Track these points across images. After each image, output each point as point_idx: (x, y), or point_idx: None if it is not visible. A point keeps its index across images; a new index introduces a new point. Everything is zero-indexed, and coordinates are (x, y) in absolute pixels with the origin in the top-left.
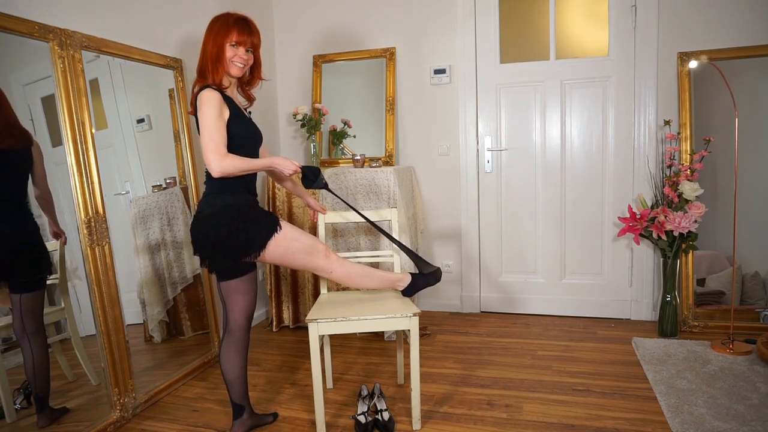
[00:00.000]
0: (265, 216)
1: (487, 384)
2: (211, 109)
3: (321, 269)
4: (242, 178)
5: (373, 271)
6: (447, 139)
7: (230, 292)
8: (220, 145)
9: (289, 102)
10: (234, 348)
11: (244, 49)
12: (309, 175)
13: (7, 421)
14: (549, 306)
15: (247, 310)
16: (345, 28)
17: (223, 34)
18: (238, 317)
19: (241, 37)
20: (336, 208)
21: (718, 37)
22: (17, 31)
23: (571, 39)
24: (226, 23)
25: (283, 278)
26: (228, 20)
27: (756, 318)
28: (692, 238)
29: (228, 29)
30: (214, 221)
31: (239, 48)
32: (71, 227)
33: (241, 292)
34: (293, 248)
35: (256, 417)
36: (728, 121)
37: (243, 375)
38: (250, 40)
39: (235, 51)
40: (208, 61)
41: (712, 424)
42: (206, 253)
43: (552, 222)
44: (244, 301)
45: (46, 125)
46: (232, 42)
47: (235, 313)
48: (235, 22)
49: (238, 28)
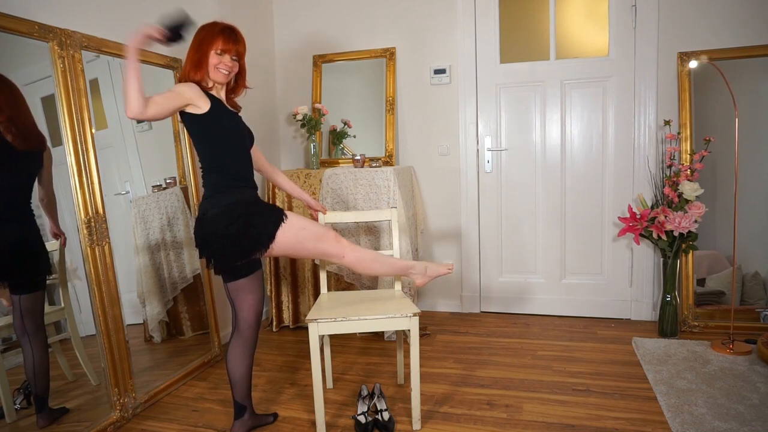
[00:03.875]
0: (270, 209)
1: (487, 384)
2: (173, 88)
3: (332, 255)
4: (240, 173)
5: (385, 258)
6: (447, 139)
7: (239, 292)
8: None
9: (289, 102)
10: (241, 347)
11: (229, 57)
12: (171, 35)
13: (7, 421)
14: (549, 306)
15: (256, 309)
16: (345, 28)
17: (208, 42)
18: (248, 316)
19: (226, 45)
20: (336, 208)
21: (718, 37)
22: (17, 31)
23: (571, 39)
24: (212, 32)
25: (283, 278)
26: (214, 29)
27: (756, 318)
28: (692, 238)
29: (213, 38)
30: (221, 221)
31: (224, 56)
32: (71, 227)
33: (249, 291)
34: (302, 236)
35: (256, 417)
36: (728, 121)
37: (248, 375)
38: (235, 49)
39: (221, 59)
40: (190, 67)
41: (712, 424)
42: (215, 252)
43: (552, 222)
44: (252, 300)
45: (46, 125)
46: (218, 50)
47: (245, 312)
48: (221, 31)
49: (224, 36)
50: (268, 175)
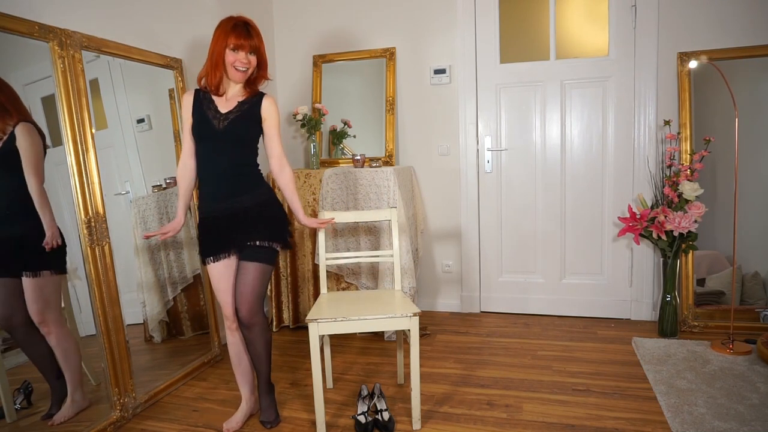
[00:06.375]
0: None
1: (487, 384)
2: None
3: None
4: (204, 171)
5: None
6: (447, 139)
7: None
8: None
9: (289, 102)
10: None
11: (245, 53)
12: None
13: (7, 421)
14: (549, 306)
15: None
16: (345, 28)
17: (223, 40)
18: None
19: (239, 41)
20: (336, 207)
21: (718, 37)
22: (17, 31)
23: (571, 39)
24: (225, 29)
25: (283, 278)
26: (227, 25)
27: (756, 318)
28: (692, 238)
29: (227, 34)
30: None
31: (239, 52)
32: (71, 227)
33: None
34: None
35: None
36: (728, 121)
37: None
38: (248, 44)
39: (236, 56)
40: (210, 67)
41: (712, 424)
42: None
43: (552, 222)
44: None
45: (46, 125)
46: (231, 47)
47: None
48: (233, 27)
49: (236, 32)
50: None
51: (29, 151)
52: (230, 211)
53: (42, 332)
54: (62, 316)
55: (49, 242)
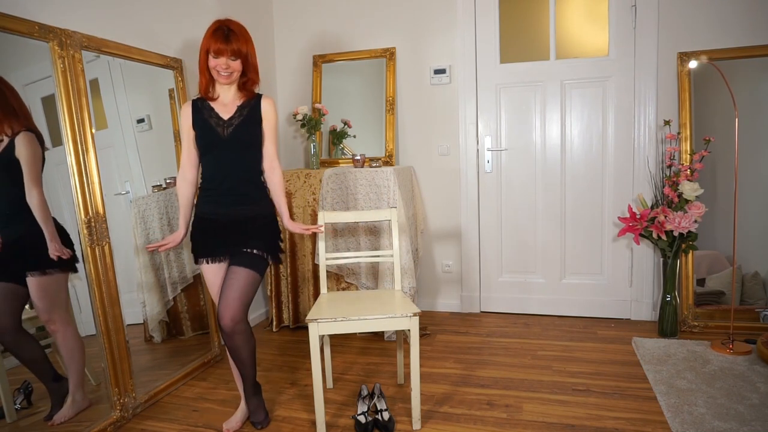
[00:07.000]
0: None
1: (487, 384)
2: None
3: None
4: (211, 177)
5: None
6: (447, 139)
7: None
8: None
9: (289, 102)
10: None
11: (225, 58)
12: None
13: (7, 421)
14: (549, 306)
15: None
16: (345, 28)
17: (205, 44)
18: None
19: (217, 45)
20: (336, 208)
21: (718, 37)
22: (17, 31)
23: (571, 39)
24: (208, 33)
25: (283, 278)
26: (210, 29)
27: (756, 318)
28: (692, 238)
29: (208, 39)
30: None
31: (219, 57)
32: (71, 227)
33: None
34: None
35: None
36: (728, 121)
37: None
38: (228, 48)
39: (216, 61)
40: (199, 73)
41: (712, 424)
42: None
43: (552, 222)
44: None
45: (46, 125)
46: (212, 52)
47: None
48: (214, 31)
49: (215, 37)
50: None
51: (30, 161)
52: (231, 218)
53: (49, 330)
54: (70, 315)
55: (54, 255)
